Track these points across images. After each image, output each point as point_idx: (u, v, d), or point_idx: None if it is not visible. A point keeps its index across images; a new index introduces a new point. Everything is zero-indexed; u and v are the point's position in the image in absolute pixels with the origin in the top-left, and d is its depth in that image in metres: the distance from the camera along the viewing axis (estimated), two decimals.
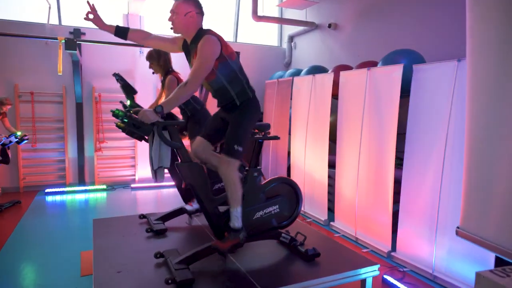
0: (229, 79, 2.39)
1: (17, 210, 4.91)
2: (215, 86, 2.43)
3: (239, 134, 2.41)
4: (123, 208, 5.12)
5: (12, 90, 5.72)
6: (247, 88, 2.49)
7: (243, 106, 2.46)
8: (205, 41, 2.24)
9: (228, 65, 2.35)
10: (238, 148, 2.38)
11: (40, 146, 5.99)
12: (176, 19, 2.30)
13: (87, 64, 6.13)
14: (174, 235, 3.08)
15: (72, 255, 3.44)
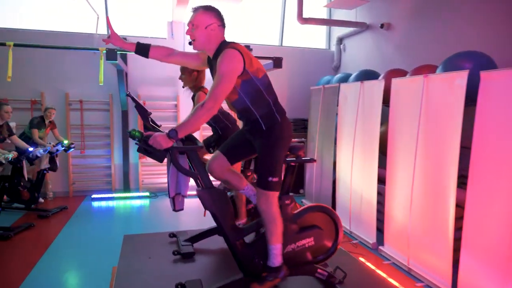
0: (253, 100, 2.11)
1: (64, 216, 5.04)
2: (238, 107, 2.16)
3: (271, 164, 2.14)
4: (162, 217, 5.05)
5: (64, 99, 5.94)
6: (275, 110, 2.19)
7: (271, 132, 2.17)
8: (224, 56, 1.97)
9: (252, 83, 2.06)
10: (273, 179, 2.12)
11: (88, 153, 6.16)
12: (196, 32, 2.05)
13: (133, 72, 6.20)
14: (202, 260, 2.87)
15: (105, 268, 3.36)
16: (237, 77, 2.00)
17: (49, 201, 5.76)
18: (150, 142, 1.81)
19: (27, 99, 5.77)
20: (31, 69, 5.73)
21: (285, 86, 6.98)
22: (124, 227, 4.60)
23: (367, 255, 3.93)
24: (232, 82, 1.97)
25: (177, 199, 2.11)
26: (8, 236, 4.07)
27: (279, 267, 2.16)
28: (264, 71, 2.15)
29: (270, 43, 7.05)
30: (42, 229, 4.49)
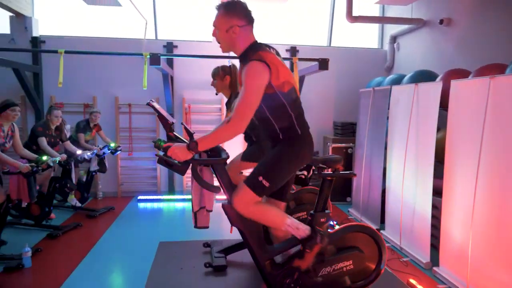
0: (274, 113, 1.94)
1: (110, 216, 5.19)
2: (257, 116, 1.99)
3: (270, 167, 1.95)
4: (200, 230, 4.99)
5: (113, 102, 6.15)
6: (297, 124, 2.00)
7: (287, 140, 2.00)
8: (249, 69, 1.81)
9: (276, 97, 1.89)
10: (263, 182, 1.91)
11: (135, 155, 6.33)
12: (218, 35, 1.92)
13: (178, 76, 6.26)
14: (233, 274, 2.74)
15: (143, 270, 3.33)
16: None
17: (98, 201, 5.99)
18: (169, 153, 1.70)
19: (81, 103, 6.05)
20: (84, 74, 6.00)
21: (332, 88, 6.66)
22: (165, 229, 4.60)
23: (419, 275, 3.54)
24: (259, 97, 1.81)
25: (201, 214, 1.98)
26: (56, 235, 4.24)
27: (310, 235, 2.00)
28: (292, 85, 1.95)
29: (318, 44, 6.77)
30: (88, 229, 4.64)
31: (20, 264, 3.42)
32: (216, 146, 2.03)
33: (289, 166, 1.98)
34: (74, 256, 3.75)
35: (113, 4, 5.30)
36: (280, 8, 6.42)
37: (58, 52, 4.43)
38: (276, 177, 1.95)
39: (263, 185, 1.90)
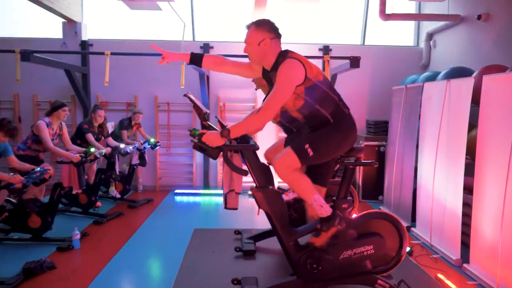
0: (320, 101, 2.10)
1: (149, 207, 5.53)
2: (305, 112, 2.15)
3: (319, 138, 2.10)
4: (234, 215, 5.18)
5: (153, 101, 6.52)
6: (342, 105, 2.18)
7: (336, 121, 2.15)
8: (284, 66, 2.02)
9: (317, 87, 2.07)
10: (308, 150, 2.04)
11: (173, 151, 6.67)
12: (250, 49, 2.12)
13: (214, 76, 6.53)
14: (261, 258, 2.90)
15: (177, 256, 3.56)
16: (300, 86, 2.02)
17: (139, 193, 6.38)
18: (203, 139, 1.90)
19: (123, 102, 6.47)
20: (127, 75, 6.42)
21: (366, 87, 6.66)
22: (199, 220, 4.86)
23: (448, 272, 3.53)
24: (290, 91, 1.99)
25: (230, 196, 2.17)
26: (102, 222, 4.62)
27: (330, 216, 2.11)
28: (322, 73, 2.13)
29: (352, 43, 6.81)
30: (130, 218, 5.00)
31: (70, 245, 3.79)
32: (245, 135, 2.21)
33: (336, 142, 2.12)
34: (117, 240, 4.09)
35: (154, 8, 5.65)
36: (313, 8, 6.52)
37: (104, 54, 4.82)
38: (321, 150, 2.08)
39: (307, 153, 2.04)
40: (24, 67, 4.79)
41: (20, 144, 4.08)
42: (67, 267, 3.43)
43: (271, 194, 2.12)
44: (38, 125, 3.98)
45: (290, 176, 2.08)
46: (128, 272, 3.36)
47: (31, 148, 4.03)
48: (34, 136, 4.01)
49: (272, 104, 1.96)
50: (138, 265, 3.48)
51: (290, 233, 2.16)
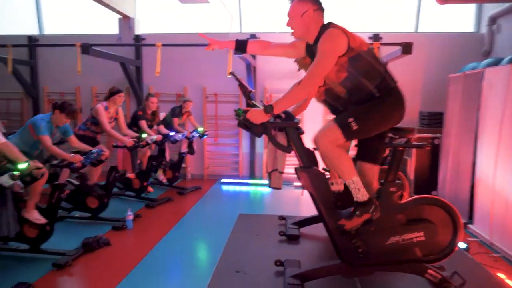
0: (365, 72, 2.01)
1: (197, 194, 5.71)
2: (348, 85, 2.07)
3: (364, 112, 2.01)
4: (279, 204, 5.21)
5: (201, 92, 6.70)
6: (387, 77, 2.07)
7: (382, 94, 2.05)
8: (325, 36, 1.95)
9: (360, 57, 1.99)
10: (352, 124, 1.97)
11: (220, 141, 6.81)
12: (293, 22, 2.09)
13: (261, 66, 6.55)
14: (305, 244, 2.87)
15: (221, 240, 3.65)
16: (343, 56, 1.96)
17: (187, 181, 6.60)
18: (248, 116, 1.92)
19: (174, 93, 6.72)
20: (177, 67, 6.64)
21: (419, 77, 6.33)
22: (244, 208, 4.93)
23: (509, 272, 3.28)
24: (332, 61, 1.93)
25: (274, 175, 2.17)
26: (153, 206, 4.85)
27: (366, 202, 2.02)
28: (367, 44, 2.05)
29: (404, 30, 6.49)
30: (178, 203, 5.19)
31: (124, 225, 4.02)
32: (290, 114, 2.19)
33: (381, 115, 2.02)
34: (166, 223, 4.27)
35: (203, 1, 5.78)
36: None
37: (156, 46, 5.02)
38: (366, 123, 2.00)
39: (351, 127, 1.97)
40: (84, 62, 5.13)
41: (81, 125, 4.41)
42: (120, 244, 3.65)
43: (316, 174, 2.09)
44: (97, 109, 4.26)
45: (332, 152, 2.02)
46: (175, 252, 3.50)
47: (90, 129, 4.33)
48: (93, 119, 4.31)
49: (314, 74, 1.91)
50: (185, 246, 3.61)
51: (335, 215, 2.11)
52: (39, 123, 3.40)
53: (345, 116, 2.02)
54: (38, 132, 3.36)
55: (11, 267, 3.11)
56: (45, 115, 3.57)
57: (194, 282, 2.78)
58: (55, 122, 3.55)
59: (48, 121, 3.50)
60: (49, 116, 3.54)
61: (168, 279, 2.96)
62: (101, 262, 3.26)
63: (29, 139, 3.41)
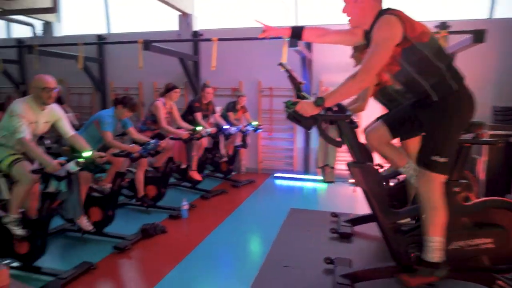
0: (419, 68, 1.84)
1: (250, 188, 5.75)
2: (401, 79, 1.92)
3: (439, 141, 1.85)
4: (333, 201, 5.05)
5: (256, 86, 6.72)
6: (449, 77, 1.85)
7: (445, 104, 1.85)
8: (379, 24, 1.81)
9: (415, 50, 1.81)
10: (438, 159, 1.83)
11: (274, 135, 6.79)
12: (348, 8, 1.96)
13: (317, 59, 6.39)
14: (357, 243, 2.76)
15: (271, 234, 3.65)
16: (396, 46, 1.79)
17: (241, 174, 6.68)
18: (297, 108, 1.86)
19: (229, 87, 6.82)
20: (232, 62, 6.71)
21: (492, 67, 5.75)
22: (296, 203, 4.83)
23: None
24: (388, 51, 1.78)
25: (326, 170, 2.09)
26: (207, 197, 4.98)
27: (436, 264, 1.85)
28: (430, 34, 1.85)
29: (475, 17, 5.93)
30: (232, 195, 5.28)
31: (179, 214, 4.17)
32: (343, 106, 2.09)
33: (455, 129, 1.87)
34: (219, 214, 4.36)
35: None
36: None
37: (212, 40, 5.11)
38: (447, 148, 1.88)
39: (441, 163, 1.84)
40: (146, 59, 5.38)
41: (141, 126, 4.63)
42: (175, 232, 3.79)
43: (369, 170, 1.97)
44: (156, 104, 4.46)
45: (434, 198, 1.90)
46: (226, 243, 3.56)
47: (149, 128, 4.55)
48: (151, 116, 4.51)
49: (369, 67, 1.77)
50: (236, 238, 3.65)
51: (390, 214, 1.98)
52: (105, 119, 3.63)
53: (425, 155, 1.89)
54: (102, 128, 3.59)
55: (77, 247, 3.38)
56: (109, 110, 3.81)
57: (243, 273, 2.80)
58: (118, 116, 3.77)
59: (112, 116, 3.73)
60: (112, 111, 3.76)
61: (217, 268, 3.01)
62: (157, 248, 3.41)
63: (95, 133, 3.67)
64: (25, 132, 2.50)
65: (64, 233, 3.64)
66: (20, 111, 2.55)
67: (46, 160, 2.53)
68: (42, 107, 2.72)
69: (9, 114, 2.57)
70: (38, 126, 2.74)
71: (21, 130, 2.49)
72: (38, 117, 2.71)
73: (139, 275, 2.93)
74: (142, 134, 4.46)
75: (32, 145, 2.54)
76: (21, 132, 2.48)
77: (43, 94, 2.64)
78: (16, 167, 2.60)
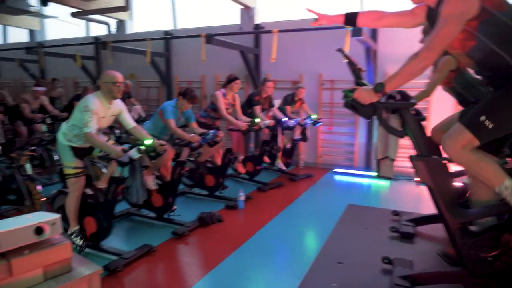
0: (500, 40, 1.62)
1: (308, 182, 5.66)
2: (477, 56, 1.70)
3: (498, 106, 1.64)
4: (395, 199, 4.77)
5: (317, 79, 6.56)
6: None
7: None
8: None
9: (496, 21, 1.59)
10: (486, 123, 1.61)
11: (335, 129, 6.59)
12: None
13: (382, 50, 6.05)
14: (420, 244, 2.55)
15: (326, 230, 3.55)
16: (472, 20, 1.59)
17: (299, 168, 6.60)
18: (355, 95, 1.75)
19: (289, 80, 6.74)
20: (293, 54, 6.63)
21: None
22: (354, 199, 4.63)
23: None
24: (458, 27, 1.59)
25: (384, 163, 1.95)
26: (264, 189, 4.99)
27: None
28: (506, 3, 1.61)
29: None
30: (289, 189, 5.23)
31: (236, 205, 4.23)
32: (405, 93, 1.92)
33: None
34: (275, 207, 4.34)
35: None
36: None
37: (272, 32, 5.08)
38: (503, 119, 1.64)
39: (485, 127, 1.63)
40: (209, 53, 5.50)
41: (202, 112, 4.78)
42: (231, 222, 3.85)
43: (435, 164, 1.80)
44: (216, 95, 4.56)
45: (466, 158, 1.69)
46: (281, 236, 3.53)
47: (209, 116, 4.66)
48: (212, 105, 4.63)
49: (434, 44, 1.59)
50: (291, 231, 3.61)
51: (457, 213, 1.79)
52: (167, 108, 3.80)
53: (474, 114, 1.66)
54: (165, 116, 3.77)
55: (141, 230, 3.59)
56: (172, 101, 3.97)
57: (295, 266, 2.75)
58: (180, 107, 3.91)
59: (174, 106, 3.88)
60: (175, 102, 3.92)
61: (270, 260, 3.00)
62: (213, 236, 3.49)
63: (159, 123, 3.85)
64: (92, 128, 2.69)
65: (129, 217, 3.89)
66: (93, 107, 2.74)
67: (111, 148, 2.70)
68: (110, 102, 2.90)
69: (81, 109, 2.76)
70: (106, 120, 2.94)
71: (90, 125, 2.68)
72: (106, 111, 2.91)
73: (195, 260, 3.03)
74: (203, 121, 4.61)
75: (97, 137, 2.73)
76: (89, 127, 2.68)
77: (114, 88, 2.81)
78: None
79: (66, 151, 2.90)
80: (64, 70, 8.80)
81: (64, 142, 2.89)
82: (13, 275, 1.52)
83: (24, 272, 1.55)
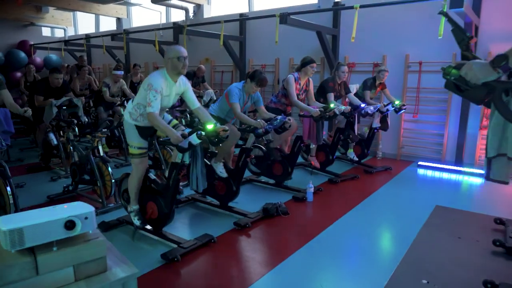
0: None
1: (386, 175, 5.11)
2: None
3: None
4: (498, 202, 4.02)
5: (403, 61, 5.85)
6: None
7: None
8: None
9: None
10: None
11: (420, 118, 5.86)
12: None
13: (485, 26, 5.14)
14: None
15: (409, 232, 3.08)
16: None
17: (377, 159, 6.02)
18: (462, 70, 1.31)
19: (370, 63, 6.12)
20: (376, 34, 5.99)
21: None
22: (443, 199, 4.00)
23: None
24: None
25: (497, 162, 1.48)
26: (336, 181, 4.60)
27: None
28: None
29: None
30: (364, 182, 4.76)
31: (304, 197, 3.93)
32: None
33: None
34: (348, 201, 3.95)
35: None
36: None
37: (353, 8, 4.57)
38: None
39: None
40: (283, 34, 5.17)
41: (273, 98, 4.52)
42: (298, 215, 3.57)
43: None
44: (288, 79, 4.25)
45: None
46: (354, 234, 3.15)
47: (280, 101, 4.38)
48: (283, 90, 4.33)
49: None
50: (365, 231, 3.21)
51: None
52: (233, 90, 3.61)
53: None
54: (230, 99, 3.58)
55: (203, 218, 3.48)
56: (239, 83, 3.77)
57: (371, 274, 2.37)
58: (248, 90, 3.69)
59: (240, 89, 3.67)
60: (242, 84, 3.71)
61: (342, 262, 2.65)
62: (277, 229, 3.25)
63: (225, 106, 3.69)
64: (155, 107, 2.58)
65: (194, 203, 3.82)
66: (157, 86, 2.62)
67: (171, 131, 2.57)
68: (175, 79, 2.77)
69: (146, 87, 2.65)
70: (171, 98, 2.81)
71: (153, 105, 2.57)
72: (171, 90, 2.78)
73: (257, 255, 2.81)
74: (273, 106, 4.35)
75: (159, 119, 2.61)
76: (152, 107, 2.57)
77: (178, 63, 2.66)
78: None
79: (131, 130, 2.85)
80: (146, 55, 9.21)
81: (129, 121, 2.85)
82: (40, 274, 1.41)
83: (52, 271, 1.44)
